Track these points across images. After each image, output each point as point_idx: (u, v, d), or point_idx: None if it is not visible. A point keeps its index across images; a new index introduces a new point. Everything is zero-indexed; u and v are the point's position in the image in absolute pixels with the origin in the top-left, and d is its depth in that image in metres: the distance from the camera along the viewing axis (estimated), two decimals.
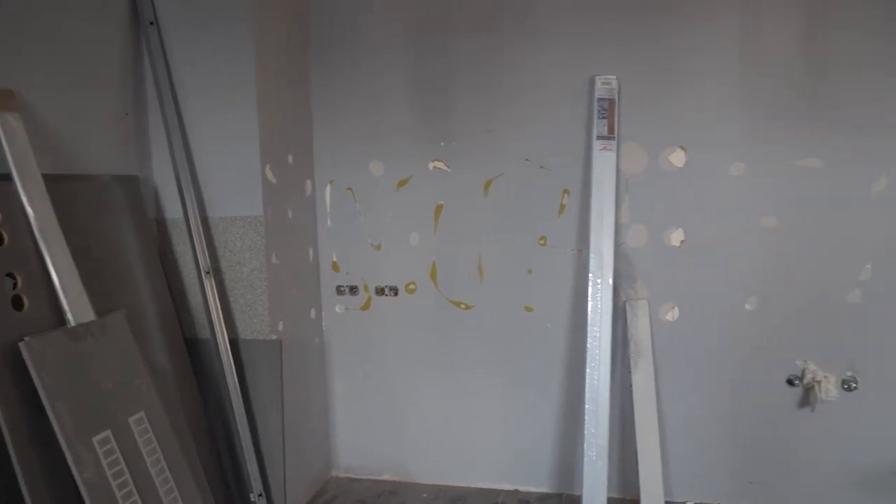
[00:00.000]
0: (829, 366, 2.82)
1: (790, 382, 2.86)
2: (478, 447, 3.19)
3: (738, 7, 2.72)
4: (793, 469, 2.91)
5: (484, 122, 2.97)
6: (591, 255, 2.81)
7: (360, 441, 3.32)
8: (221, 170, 2.70)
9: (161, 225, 2.77)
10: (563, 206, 2.94)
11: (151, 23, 2.63)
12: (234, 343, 2.73)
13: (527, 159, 2.96)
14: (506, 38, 2.91)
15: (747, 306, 2.85)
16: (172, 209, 2.74)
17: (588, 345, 2.79)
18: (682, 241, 2.86)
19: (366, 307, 3.21)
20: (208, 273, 2.64)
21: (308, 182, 3.14)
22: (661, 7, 2.78)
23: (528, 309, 3.04)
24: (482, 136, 2.98)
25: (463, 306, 3.11)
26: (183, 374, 2.63)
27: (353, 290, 3.21)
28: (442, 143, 3.03)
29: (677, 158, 2.83)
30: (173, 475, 2.15)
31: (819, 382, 2.79)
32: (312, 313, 3.17)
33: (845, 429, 2.84)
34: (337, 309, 3.25)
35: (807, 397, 2.84)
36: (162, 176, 2.75)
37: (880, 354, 2.78)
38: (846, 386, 2.81)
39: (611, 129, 2.80)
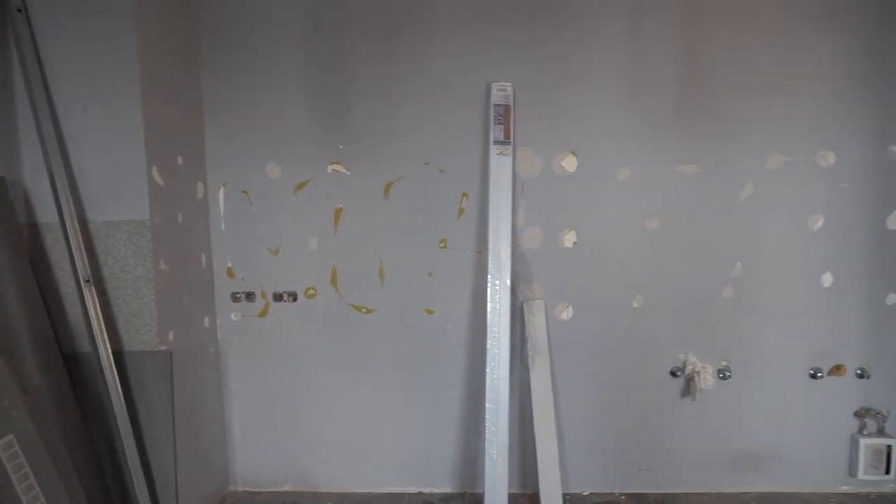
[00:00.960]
0: (707, 357, 3.05)
1: (673, 374, 3.07)
2: (381, 451, 3.17)
3: (623, 23, 2.88)
4: (677, 454, 3.11)
5: (383, 125, 2.97)
6: (490, 256, 2.88)
7: (259, 452, 3.21)
8: (102, 169, 2.53)
9: (33, 230, 2.55)
10: (462, 209, 2.99)
11: (19, 10, 2.42)
12: (119, 356, 2.56)
13: (426, 163, 2.98)
14: (404, 42, 2.92)
15: (634, 304, 3.02)
16: (46, 212, 2.53)
17: (488, 345, 2.86)
18: (574, 243, 2.99)
19: (263, 314, 3.12)
20: (88, 282, 2.46)
21: (200, 184, 3.00)
22: (554, 18, 2.89)
23: (430, 311, 3.06)
24: (381, 139, 2.98)
25: (364, 310, 3.08)
26: (60, 392, 2.43)
27: (250, 296, 3.10)
28: (341, 146, 2.99)
29: (569, 163, 2.95)
30: (49, 502, 1.98)
31: (698, 373, 3.00)
32: (206, 321, 3.03)
33: (722, 414, 3.08)
34: (233, 316, 3.13)
35: (688, 387, 3.05)
36: (33, 176, 2.53)
37: (749, 345, 3.04)
38: (721, 375, 3.05)
39: (507, 135, 2.88)
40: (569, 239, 2.99)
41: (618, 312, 3.03)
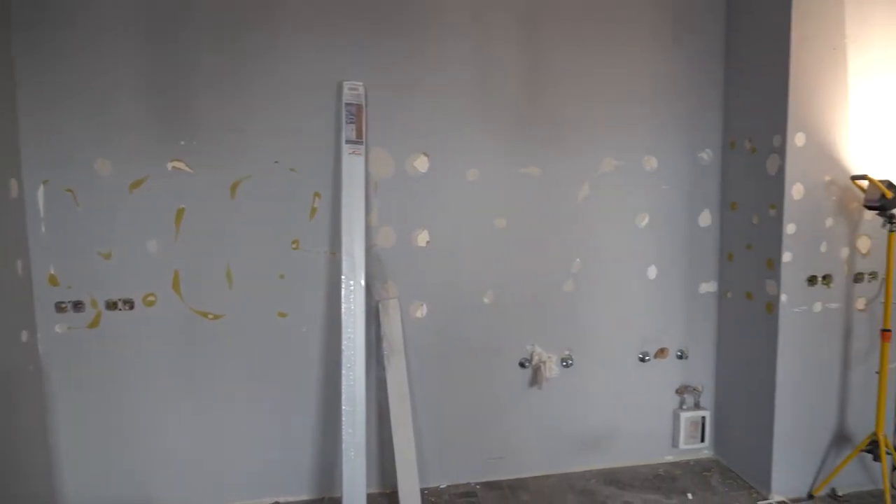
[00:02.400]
0: (552, 348, 3.25)
1: (522, 365, 3.24)
2: (233, 463, 3.02)
3: (470, 34, 2.98)
4: (527, 440, 3.29)
5: (229, 121, 2.83)
6: (344, 257, 2.85)
7: (92, 475, 2.91)
8: None
9: None
10: (314, 209, 2.94)
11: None
12: None
13: (276, 161, 2.89)
14: (251, 36, 2.80)
15: (485, 300, 3.15)
16: None
17: (343, 346, 2.83)
18: (427, 242, 3.05)
19: (95, 324, 2.83)
20: None
21: (13, 182, 2.66)
22: (407, 21, 2.93)
23: (282, 314, 2.97)
24: (227, 136, 2.83)
25: (211, 316, 2.92)
26: None
27: (78, 305, 2.81)
28: (182, 143, 2.81)
29: (421, 164, 3.01)
30: None
31: (544, 363, 3.19)
32: (24, 336, 2.70)
33: (566, 400, 3.31)
34: (57, 329, 2.81)
35: (535, 377, 3.24)
36: None
37: (588, 334, 3.29)
38: (565, 363, 3.27)
39: (359, 134, 2.87)
40: (422, 238, 3.05)
41: (470, 308, 3.14)
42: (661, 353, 3.39)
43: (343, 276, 2.85)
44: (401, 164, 2.99)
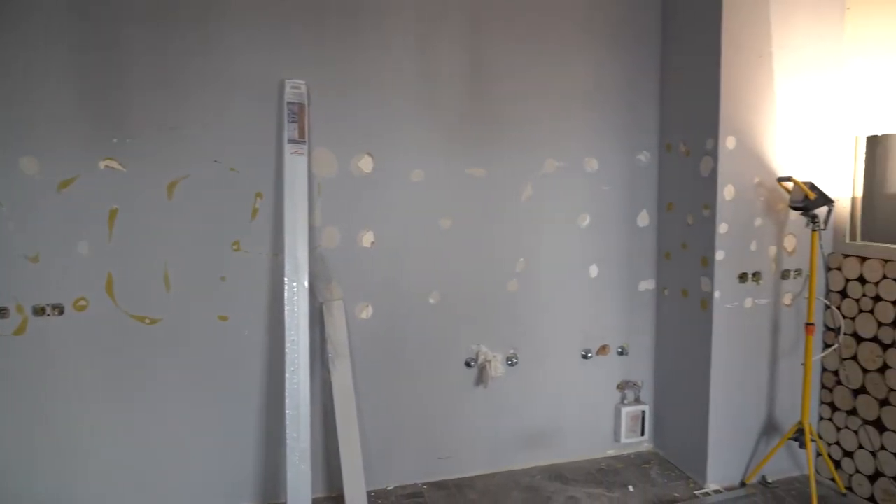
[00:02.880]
0: (497, 347, 3.29)
1: (468, 364, 3.26)
2: (174, 472, 2.91)
3: (414, 31, 2.99)
4: (473, 439, 3.31)
5: (165, 118, 2.73)
6: (287, 258, 2.80)
7: (15, 492, 2.75)
8: None
9: None
10: (255, 210, 2.88)
11: None
12: None
13: (216, 160, 2.81)
14: (190, 30, 2.72)
15: (431, 300, 3.15)
16: None
17: (287, 349, 2.78)
18: (372, 243, 3.04)
19: (20, 331, 2.69)
20: None
21: None
22: (351, 20, 2.90)
23: (223, 318, 2.89)
24: (163, 134, 2.74)
25: (148, 321, 2.81)
26: None
27: (2, 311, 2.66)
28: (115, 140, 2.70)
29: (366, 164, 2.99)
30: None
31: (490, 362, 3.22)
32: None
33: (511, 398, 3.35)
34: None
35: (481, 376, 3.26)
36: None
37: (532, 333, 3.34)
38: (510, 362, 3.31)
39: (301, 134, 2.82)
40: (367, 239, 3.03)
41: (416, 309, 3.14)
42: (603, 349, 3.48)
43: (286, 278, 2.80)
44: (345, 164, 2.96)
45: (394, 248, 3.07)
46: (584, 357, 3.45)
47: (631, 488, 3.18)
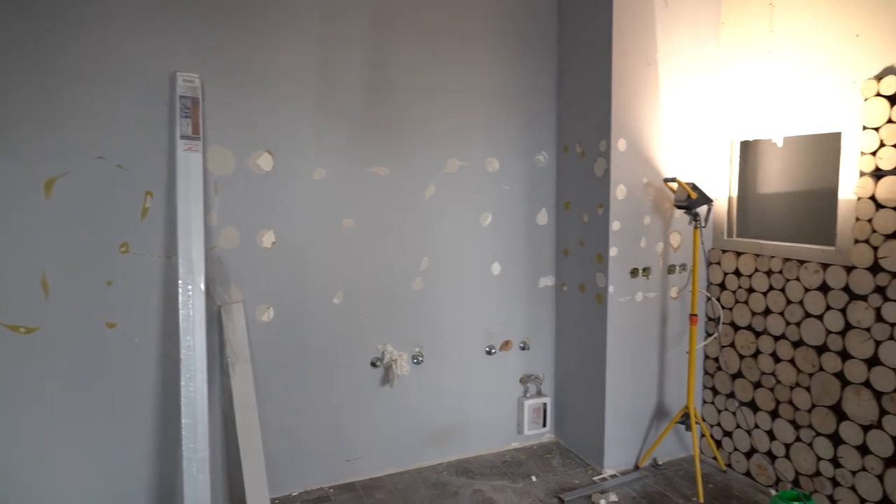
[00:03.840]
0: (403, 346, 3.29)
1: (373, 364, 3.24)
2: (65, 491, 2.69)
3: (316, 27, 2.93)
4: (380, 439, 3.30)
5: (41, 111, 2.52)
6: (181, 260, 2.67)
7: None
8: None
9: None
10: (146, 210, 2.72)
11: None
12: None
13: (100, 157, 2.63)
14: (72, 16, 2.53)
15: (335, 300, 3.11)
16: None
17: (182, 355, 2.65)
18: (273, 243, 2.95)
19: None
20: None
21: None
22: (248, 11, 2.81)
23: (111, 325, 2.71)
24: (39, 128, 2.53)
25: (23, 330, 2.59)
26: None
27: None
28: None
29: (265, 162, 2.90)
30: None
31: (395, 361, 3.22)
32: None
33: (417, 396, 3.36)
34: None
35: (387, 375, 3.26)
36: None
37: (437, 331, 3.37)
38: (416, 360, 3.33)
39: (196, 129, 2.70)
40: (267, 239, 2.94)
41: (319, 310, 3.08)
42: (506, 345, 3.57)
43: (180, 281, 2.67)
44: (242, 161, 2.86)
45: (296, 248, 3.00)
46: (488, 353, 3.52)
47: (534, 478, 3.28)
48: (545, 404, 3.67)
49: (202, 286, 2.70)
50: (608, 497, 3.04)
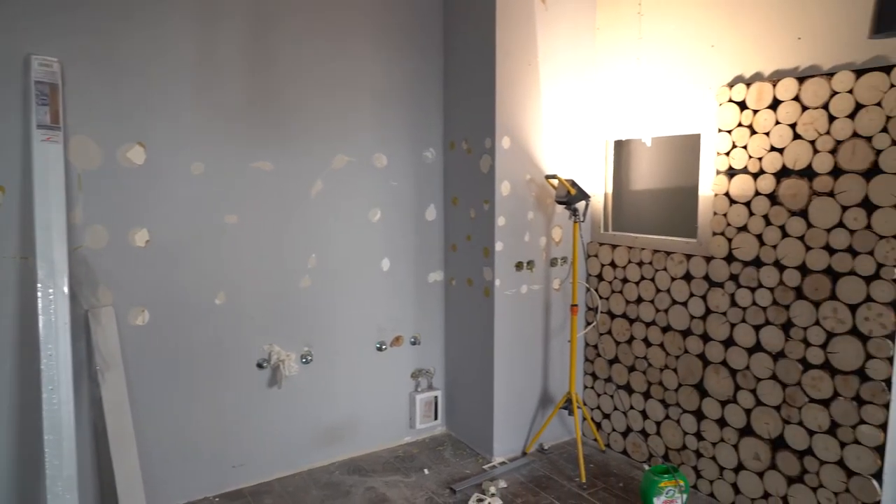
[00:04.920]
0: (291, 345, 3.21)
1: (260, 366, 3.13)
2: None
3: (194, 11, 2.77)
4: (269, 442, 3.20)
5: None
6: (40, 262, 2.43)
7: None
8: None
9: None
10: None
11: None
12: None
13: None
14: None
15: (217, 301, 2.97)
16: None
17: (42, 366, 2.42)
18: (147, 241, 2.77)
19: None
20: None
21: None
22: None
23: None
24: None
25: None
26: None
27: None
28: None
29: (136, 155, 2.72)
30: None
31: (283, 361, 3.14)
32: None
33: (307, 396, 3.29)
34: None
35: (274, 376, 3.16)
36: None
37: (327, 329, 3.32)
38: (304, 360, 3.26)
39: (55, 118, 2.47)
40: (140, 237, 2.76)
41: (200, 311, 2.93)
42: (397, 340, 3.58)
43: (39, 284, 2.44)
44: (111, 154, 2.66)
45: (172, 246, 2.84)
46: (379, 349, 3.52)
47: (426, 471, 3.32)
48: (436, 398, 3.72)
49: (65, 289, 2.48)
50: (497, 484, 3.13)
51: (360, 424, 3.50)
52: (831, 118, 2.45)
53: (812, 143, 2.52)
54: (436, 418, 3.74)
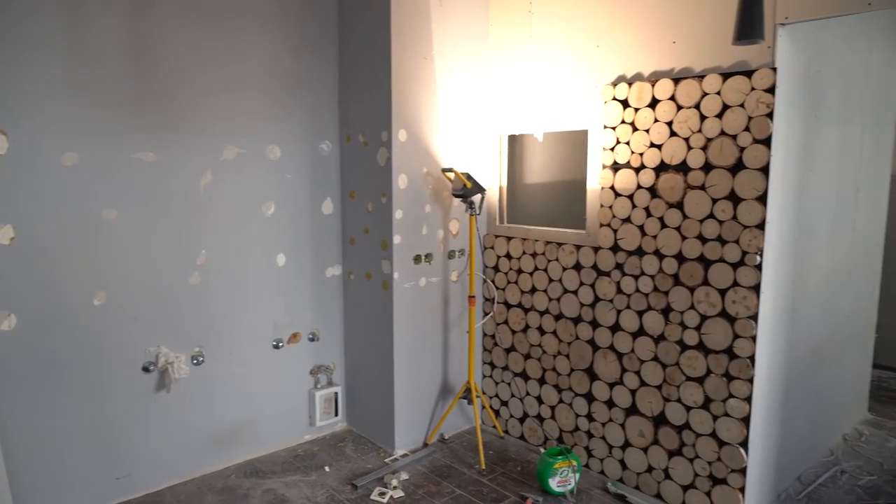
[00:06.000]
0: (180, 346, 3.06)
1: (146, 369, 2.96)
2: None
3: (66, 4, 2.56)
4: (158, 450, 3.03)
5: None
6: None
7: None
8: None
9: None
10: None
11: None
12: None
13: None
14: None
15: (96, 301, 2.77)
16: None
17: None
18: (12, 239, 2.53)
19: None
20: None
21: None
22: None
23: None
24: None
25: None
26: None
27: None
28: None
29: None
30: None
31: (172, 364, 2.98)
32: None
33: (200, 399, 3.15)
34: None
35: (163, 380, 3.00)
36: None
37: (220, 328, 3.19)
38: (196, 361, 3.11)
39: None
40: (4, 235, 2.51)
41: (76, 313, 2.72)
42: (294, 337, 3.50)
43: None
44: None
45: (43, 244, 2.61)
46: (276, 347, 3.42)
47: (327, 468, 3.28)
48: (336, 393, 3.68)
49: None
50: (399, 476, 3.15)
51: (257, 425, 3.39)
52: (702, 117, 2.65)
53: (686, 140, 2.71)
54: (336, 414, 3.70)
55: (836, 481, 3.17)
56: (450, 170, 3.37)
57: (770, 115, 2.44)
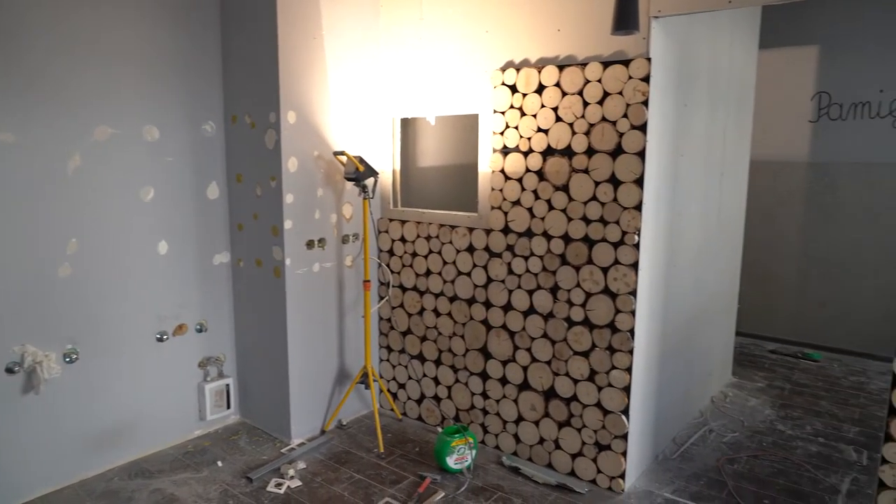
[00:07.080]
0: (49, 344, 2.82)
1: (10, 371, 2.71)
2: None
3: None
4: (27, 456, 2.79)
5: None
6: None
7: None
8: None
9: None
10: None
11: None
12: None
13: None
14: None
15: None
16: None
17: None
18: None
19: None
20: None
21: None
22: None
23: None
24: None
25: None
26: None
27: None
28: None
29: None
30: None
31: (41, 363, 2.75)
32: None
33: (75, 399, 2.93)
34: None
35: (30, 381, 2.76)
36: None
37: (95, 322, 2.97)
38: (68, 359, 2.88)
39: None
40: None
41: None
42: (180, 329, 3.33)
43: None
44: None
45: None
46: (160, 340, 3.24)
47: (220, 463, 3.16)
48: (228, 385, 3.55)
49: None
50: (296, 465, 3.10)
51: (142, 423, 3.21)
52: (585, 103, 2.77)
53: (570, 125, 2.82)
54: (228, 407, 3.57)
55: (706, 440, 3.48)
56: (342, 153, 3.31)
57: (646, 103, 2.60)
